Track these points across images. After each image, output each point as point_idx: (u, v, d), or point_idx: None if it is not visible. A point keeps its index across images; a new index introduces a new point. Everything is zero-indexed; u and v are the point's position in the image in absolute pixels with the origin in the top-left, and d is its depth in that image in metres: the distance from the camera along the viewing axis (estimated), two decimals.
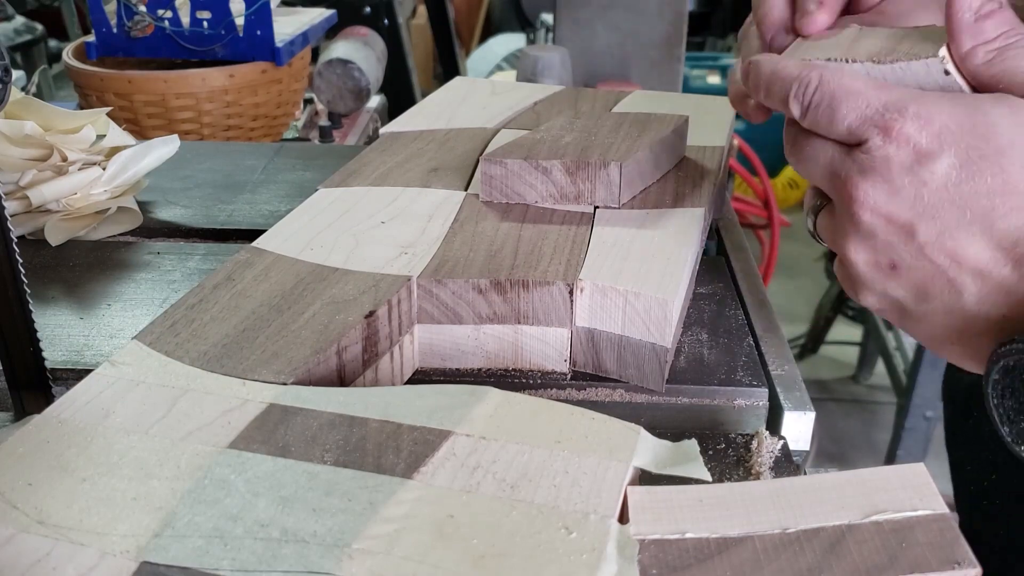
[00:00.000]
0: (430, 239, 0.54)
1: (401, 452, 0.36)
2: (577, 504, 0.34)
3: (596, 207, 0.58)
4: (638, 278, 0.49)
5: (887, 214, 0.39)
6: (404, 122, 0.76)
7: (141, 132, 1.11)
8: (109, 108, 0.77)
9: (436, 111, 0.78)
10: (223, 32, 1.14)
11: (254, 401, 0.40)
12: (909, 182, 0.38)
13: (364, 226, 0.56)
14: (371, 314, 0.46)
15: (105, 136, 0.72)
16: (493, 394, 0.40)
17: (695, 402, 0.50)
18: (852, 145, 0.40)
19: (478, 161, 0.66)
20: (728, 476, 0.45)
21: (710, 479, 0.36)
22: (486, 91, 0.84)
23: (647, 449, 0.37)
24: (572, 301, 0.49)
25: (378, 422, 0.38)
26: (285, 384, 0.41)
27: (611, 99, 0.80)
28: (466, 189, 0.62)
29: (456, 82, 0.88)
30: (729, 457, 0.46)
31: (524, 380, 0.51)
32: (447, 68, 2.55)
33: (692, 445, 0.37)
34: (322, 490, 0.34)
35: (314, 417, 0.39)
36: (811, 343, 2.51)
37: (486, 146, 0.69)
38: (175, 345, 0.44)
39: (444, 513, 0.33)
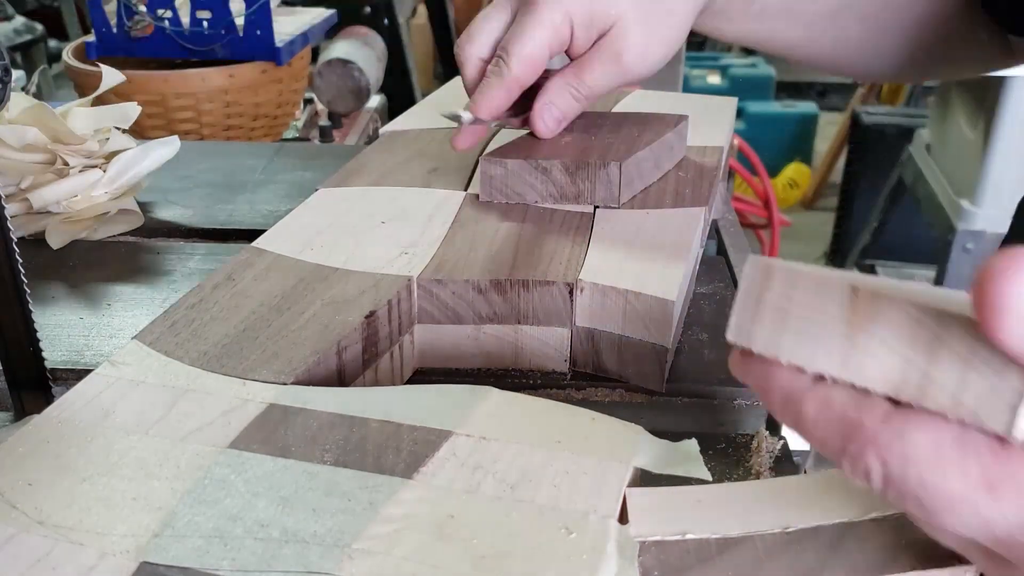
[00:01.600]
0: (430, 239, 0.54)
1: (401, 452, 0.36)
2: (577, 504, 0.34)
3: (596, 207, 0.58)
4: (638, 278, 0.49)
5: None
6: (404, 122, 0.76)
7: (141, 132, 1.11)
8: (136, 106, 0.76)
9: (436, 111, 0.78)
10: (223, 32, 1.14)
11: (254, 401, 0.40)
12: None
13: (364, 226, 0.56)
14: (371, 314, 0.46)
15: (108, 140, 0.72)
16: (493, 394, 0.40)
17: (695, 402, 0.50)
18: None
19: (478, 161, 0.66)
20: (728, 476, 0.45)
21: (710, 479, 0.36)
22: None
23: (647, 449, 0.37)
24: (572, 301, 0.49)
25: (378, 422, 0.38)
26: (285, 384, 0.41)
27: (611, 99, 0.80)
28: (466, 189, 0.62)
29: (456, 82, 0.88)
30: (729, 457, 0.46)
31: (524, 380, 0.51)
32: (447, 68, 2.55)
33: (692, 445, 0.37)
34: (322, 490, 0.34)
35: (314, 417, 0.39)
36: None
37: (486, 146, 0.69)
38: (175, 345, 0.44)
39: (444, 513, 0.33)
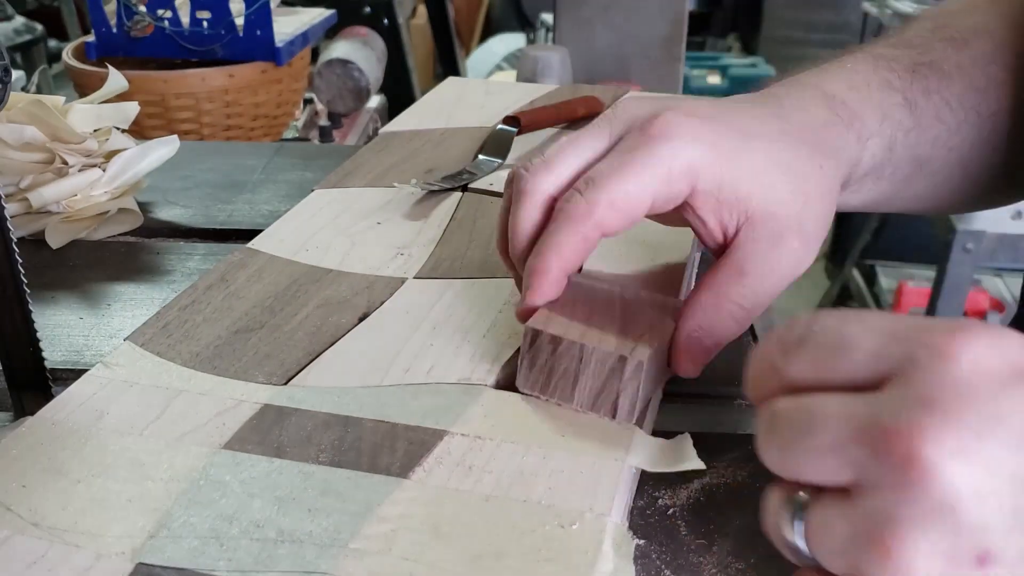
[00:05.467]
0: (426, 239, 0.54)
1: (396, 452, 0.36)
2: (573, 502, 0.34)
3: None
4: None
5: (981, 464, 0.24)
6: (400, 122, 0.76)
7: (141, 132, 1.11)
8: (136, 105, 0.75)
9: (432, 111, 0.78)
10: (223, 32, 1.14)
11: (248, 402, 0.40)
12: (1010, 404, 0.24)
13: (359, 227, 0.56)
14: (364, 316, 0.46)
15: (108, 139, 0.72)
16: (488, 393, 0.40)
17: (695, 402, 0.50)
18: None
19: (475, 160, 0.66)
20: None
21: (703, 467, 0.36)
22: (481, 91, 0.84)
23: (642, 447, 0.37)
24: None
25: (373, 422, 0.38)
26: (278, 385, 0.41)
27: (608, 96, 0.80)
28: (463, 190, 0.62)
29: (449, 82, 0.88)
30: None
31: None
32: (447, 68, 2.54)
33: (685, 439, 0.37)
34: (317, 490, 0.35)
35: (309, 417, 0.39)
36: None
37: (482, 145, 0.69)
38: (167, 346, 0.44)
39: (440, 512, 0.33)
